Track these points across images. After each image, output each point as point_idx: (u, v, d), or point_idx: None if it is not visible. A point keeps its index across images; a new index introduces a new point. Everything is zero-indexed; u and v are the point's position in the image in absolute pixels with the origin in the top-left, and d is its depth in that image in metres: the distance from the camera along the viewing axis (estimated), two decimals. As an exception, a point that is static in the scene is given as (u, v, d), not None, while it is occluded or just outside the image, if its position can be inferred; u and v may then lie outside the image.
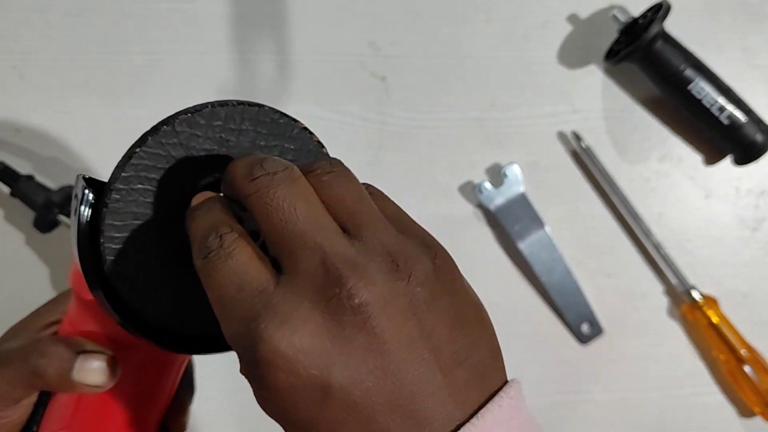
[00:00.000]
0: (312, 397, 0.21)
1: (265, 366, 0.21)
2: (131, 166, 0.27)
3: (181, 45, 0.57)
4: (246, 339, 0.22)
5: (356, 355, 0.21)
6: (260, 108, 0.28)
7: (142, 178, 0.27)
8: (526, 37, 0.60)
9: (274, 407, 0.23)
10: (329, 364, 0.21)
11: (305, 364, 0.21)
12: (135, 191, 0.27)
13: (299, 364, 0.21)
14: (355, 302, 0.21)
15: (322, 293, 0.22)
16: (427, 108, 0.58)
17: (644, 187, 0.59)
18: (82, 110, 0.55)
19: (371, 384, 0.21)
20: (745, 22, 0.61)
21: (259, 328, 0.21)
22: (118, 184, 0.27)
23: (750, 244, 0.59)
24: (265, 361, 0.21)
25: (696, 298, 0.56)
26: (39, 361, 0.30)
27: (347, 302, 0.21)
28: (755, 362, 0.55)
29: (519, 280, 0.57)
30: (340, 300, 0.21)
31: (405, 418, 0.22)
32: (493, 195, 0.56)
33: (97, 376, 0.31)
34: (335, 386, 0.21)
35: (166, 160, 0.27)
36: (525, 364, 0.56)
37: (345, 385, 0.21)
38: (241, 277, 0.23)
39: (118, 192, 0.27)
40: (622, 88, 0.60)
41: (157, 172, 0.27)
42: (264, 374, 0.22)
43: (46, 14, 0.56)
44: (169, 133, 0.27)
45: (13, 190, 0.51)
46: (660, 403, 0.57)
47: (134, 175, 0.27)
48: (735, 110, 0.55)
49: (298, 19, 0.58)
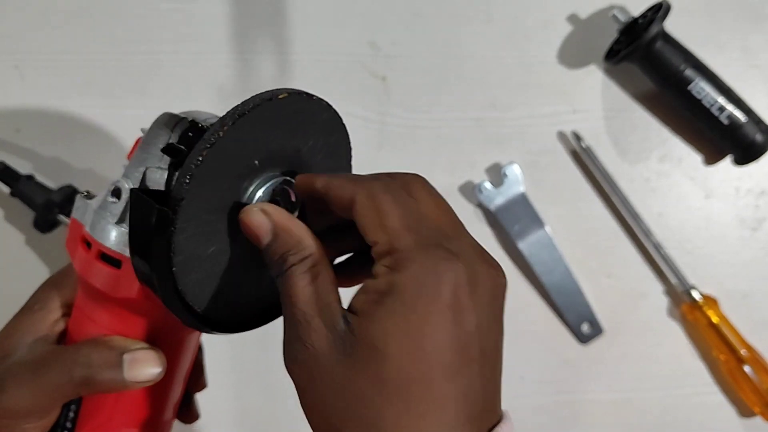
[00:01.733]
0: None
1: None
2: (197, 177, 0.26)
3: (182, 45, 0.57)
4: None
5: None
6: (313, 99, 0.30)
7: (206, 187, 0.27)
8: (526, 37, 0.60)
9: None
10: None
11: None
12: (200, 198, 0.27)
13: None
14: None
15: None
16: (427, 108, 0.58)
17: (644, 187, 0.59)
18: (83, 110, 0.55)
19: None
20: (744, 22, 0.61)
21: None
22: (185, 198, 0.26)
23: (750, 244, 0.59)
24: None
25: (696, 298, 0.56)
26: (87, 371, 0.30)
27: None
28: (755, 362, 0.55)
29: (519, 280, 0.57)
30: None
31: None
32: (493, 195, 0.56)
33: (149, 371, 0.31)
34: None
35: (226, 161, 0.27)
36: (525, 364, 0.56)
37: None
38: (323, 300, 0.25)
39: (186, 206, 0.26)
40: (622, 88, 0.60)
41: (218, 175, 0.27)
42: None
43: (47, 14, 0.56)
44: (238, 127, 0.27)
45: (13, 189, 0.51)
46: (660, 403, 0.57)
47: (200, 184, 0.27)
48: (735, 110, 0.55)
49: (298, 18, 0.58)
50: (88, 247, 0.31)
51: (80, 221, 0.32)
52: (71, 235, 0.32)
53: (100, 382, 0.30)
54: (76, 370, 0.30)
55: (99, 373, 0.30)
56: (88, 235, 0.31)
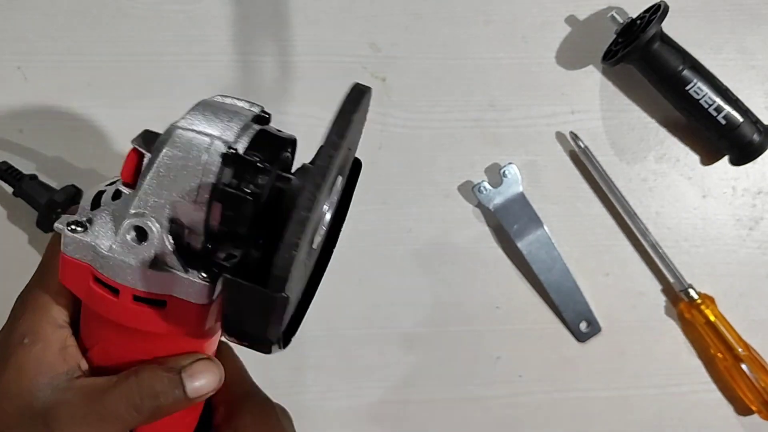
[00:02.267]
0: None
1: None
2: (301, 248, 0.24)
3: (184, 46, 0.57)
4: None
5: None
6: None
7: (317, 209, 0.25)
8: (524, 39, 0.60)
9: None
10: None
11: None
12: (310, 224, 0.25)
13: None
14: None
15: None
16: (426, 109, 0.59)
17: (642, 187, 0.59)
18: (86, 110, 0.56)
19: None
20: (742, 23, 0.61)
21: None
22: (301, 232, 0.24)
23: (747, 243, 0.59)
24: None
25: (693, 297, 0.56)
26: (154, 402, 0.29)
27: None
28: (752, 360, 0.55)
29: (518, 279, 0.58)
30: None
31: None
32: (492, 195, 0.57)
33: (211, 381, 0.31)
34: None
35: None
36: (524, 362, 0.57)
37: None
38: None
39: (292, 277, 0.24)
40: (620, 88, 0.60)
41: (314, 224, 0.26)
42: None
43: (50, 15, 0.56)
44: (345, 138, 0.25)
45: (16, 189, 0.52)
46: (657, 401, 0.57)
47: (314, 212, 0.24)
48: (732, 110, 0.56)
49: (299, 20, 0.58)
50: (115, 293, 0.28)
51: (85, 262, 0.28)
52: (71, 273, 0.29)
53: (167, 407, 0.30)
54: (144, 402, 0.29)
55: (165, 399, 0.30)
56: (109, 280, 0.28)
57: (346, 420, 0.55)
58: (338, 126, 0.25)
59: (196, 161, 0.26)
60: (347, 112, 0.25)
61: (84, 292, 0.29)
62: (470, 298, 0.57)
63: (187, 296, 0.28)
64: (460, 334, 0.57)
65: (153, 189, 0.27)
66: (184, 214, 0.27)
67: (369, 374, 0.56)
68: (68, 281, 0.29)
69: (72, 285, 0.29)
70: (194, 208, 0.27)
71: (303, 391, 0.55)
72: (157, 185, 0.27)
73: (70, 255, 0.28)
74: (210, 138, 0.27)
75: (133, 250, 0.27)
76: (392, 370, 0.56)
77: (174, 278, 0.27)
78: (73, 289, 0.30)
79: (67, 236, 0.28)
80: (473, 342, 0.57)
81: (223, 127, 0.27)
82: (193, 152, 0.26)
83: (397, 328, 0.56)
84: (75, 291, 0.30)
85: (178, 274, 0.27)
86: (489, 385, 0.56)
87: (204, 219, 0.27)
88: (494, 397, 0.56)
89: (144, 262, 0.27)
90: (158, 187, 0.27)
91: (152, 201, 0.27)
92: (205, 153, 0.26)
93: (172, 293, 0.28)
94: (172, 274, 0.27)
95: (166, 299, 0.28)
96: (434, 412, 0.56)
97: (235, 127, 0.27)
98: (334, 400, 0.55)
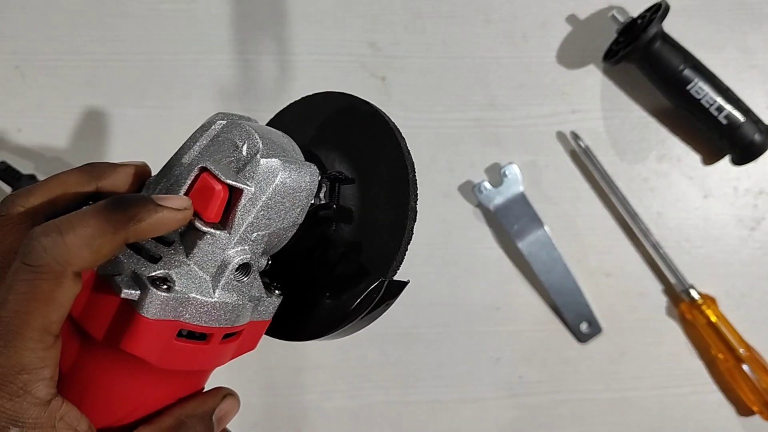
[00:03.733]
0: None
1: None
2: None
3: (182, 45, 0.57)
4: None
5: None
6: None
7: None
8: (525, 38, 0.60)
9: None
10: None
11: None
12: None
13: None
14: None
15: None
16: (426, 108, 0.58)
17: (643, 187, 0.59)
18: (84, 110, 0.56)
19: None
20: (743, 23, 0.61)
21: None
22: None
23: (748, 244, 0.59)
24: None
25: (694, 297, 0.56)
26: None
27: None
28: (754, 361, 0.55)
29: (518, 279, 0.57)
30: None
31: None
32: (492, 195, 0.56)
33: (233, 414, 0.31)
34: None
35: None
36: (524, 363, 0.57)
37: None
38: None
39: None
40: (621, 88, 0.60)
41: None
42: None
43: (47, 15, 0.56)
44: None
45: (14, 189, 0.51)
46: (659, 402, 0.57)
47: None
48: (733, 110, 0.56)
49: (298, 19, 0.58)
50: (203, 339, 0.26)
51: (171, 319, 0.25)
52: (151, 338, 0.25)
53: None
54: None
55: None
56: (201, 327, 0.26)
57: (346, 420, 0.55)
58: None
59: (307, 188, 0.27)
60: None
61: (157, 354, 0.25)
62: (470, 298, 0.57)
63: (262, 316, 0.28)
64: (460, 334, 0.56)
65: (258, 223, 0.26)
66: (275, 240, 0.27)
67: (369, 375, 0.56)
68: (143, 348, 0.25)
69: (146, 351, 0.25)
70: (288, 232, 0.28)
71: (303, 392, 0.55)
72: (265, 218, 0.26)
73: (155, 317, 0.25)
74: (301, 164, 0.27)
75: (238, 289, 0.26)
76: (392, 370, 0.56)
77: (259, 304, 0.28)
78: (146, 354, 0.25)
79: (157, 296, 0.24)
80: (473, 343, 0.56)
81: (294, 151, 0.28)
82: (305, 180, 0.27)
83: (397, 328, 0.56)
84: (146, 356, 0.25)
85: (263, 298, 0.28)
86: (489, 386, 0.56)
87: (291, 239, 0.28)
88: (494, 397, 0.56)
89: (247, 299, 0.27)
90: (263, 220, 0.26)
91: (256, 234, 0.26)
92: (307, 179, 0.27)
93: (252, 319, 0.28)
94: (258, 301, 0.28)
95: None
96: (434, 413, 0.56)
97: (297, 147, 0.29)
98: (334, 401, 0.55)
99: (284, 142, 0.28)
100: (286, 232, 0.28)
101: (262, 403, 0.54)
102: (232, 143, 0.27)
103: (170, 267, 0.25)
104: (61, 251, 0.23)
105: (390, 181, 0.30)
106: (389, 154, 0.30)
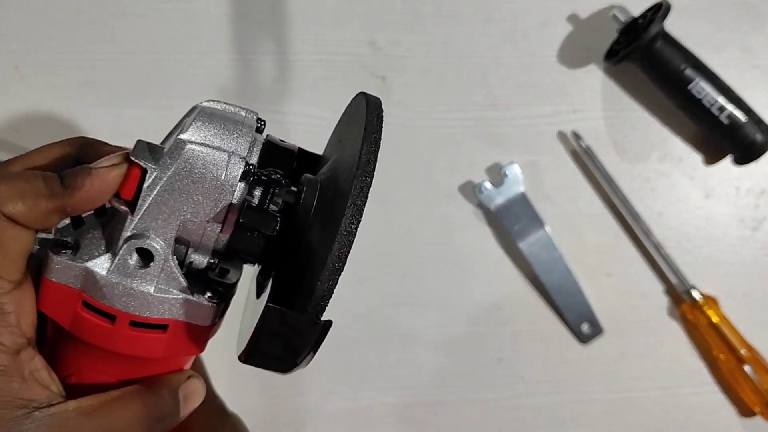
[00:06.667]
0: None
1: None
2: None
3: (182, 44, 0.57)
4: None
5: None
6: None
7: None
8: (526, 37, 0.60)
9: None
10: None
11: None
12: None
13: None
14: None
15: None
16: (427, 108, 0.58)
17: (644, 187, 0.59)
18: (83, 110, 0.55)
19: None
20: (745, 22, 0.61)
21: None
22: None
23: (750, 244, 0.59)
24: None
25: (696, 298, 0.56)
26: (160, 426, 0.28)
27: None
28: (755, 362, 0.55)
29: (519, 279, 0.57)
30: None
31: None
32: (493, 195, 0.56)
33: (199, 399, 0.30)
34: None
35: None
36: (525, 364, 0.56)
37: None
38: None
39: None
40: (622, 87, 0.60)
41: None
42: None
43: (46, 14, 0.56)
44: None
45: (13, 189, 0.51)
46: (660, 403, 0.57)
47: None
48: (735, 110, 0.55)
49: (298, 18, 0.58)
50: (110, 319, 0.26)
51: (74, 287, 0.26)
52: (55, 300, 0.26)
53: (168, 430, 0.29)
54: (153, 426, 0.28)
55: (171, 422, 0.28)
56: (104, 306, 0.26)
57: (346, 422, 0.55)
58: (370, 147, 0.26)
59: (214, 179, 0.25)
60: (375, 131, 0.26)
61: (68, 320, 0.27)
62: (471, 299, 0.57)
63: (192, 319, 0.26)
64: (460, 335, 0.56)
65: (160, 207, 0.25)
66: (193, 233, 0.25)
67: (369, 376, 0.55)
68: (49, 308, 0.27)
69: (54, 312, 0.27)
70: (206, 228, 0.25)
71: (303, 393, 0.55)
72: (165, 204, 0.25)
73: (57, 280, 0.26)
74: (226, 154, 0.25)
75: (136, 273, 0.25)
76: (392, 372, 0.56)
77: (179, 302, 0.26)
78: (55, 316, 0.27)
79: (54, 260, 0.25)
80: (474, 343, 0.56)
81: (234, 140, 0.26)
82: (209, 169, 0.25)
83: (397, 329, 0.56)
84: (57, 318, 0.27)
85: (184, 297, 0.26)
86: (490, 387, 0.56)
87: (215, 238, 0.25)
88: (495, 398, 0.56)
89: (148, 287, 0.25)
90: (167, 205, 0.25)
91: (157, 221, 0.25)
92: (224, 171, 0.25)
93: (174, 317, 0.26)
94: (177, 298, 0.26)
95: (169, 323, 0.26)
96: (435, 414, 0.56)
97: (245, 139, 0.26)
98: (334, 402, 0.55)
99: (229, 127, 0.26)
100: (196, 228, 0.25)
101: (262, 404, 0.54)
102: (181, 122, 0.27)
103: (82, 236, 0.26)
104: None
105: (336, 194, 0.26)
106: (348, 162, 0.27)
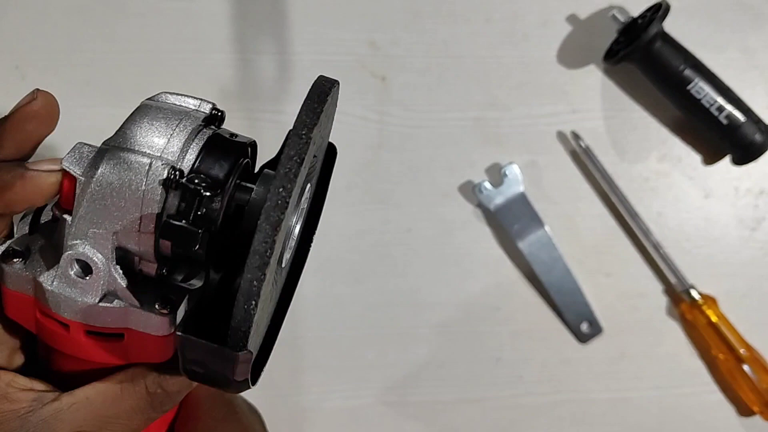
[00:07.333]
0: None
1: None
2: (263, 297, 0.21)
3: (182, 44, 0.57)
4: None
5: None
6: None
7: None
8: (525, 37, 0.60)
9: None
10: None
11: None
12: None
13: None
14: None
15: None
16: (426, 108, 0.58)
17: (643, 187, 0.59)
18: (83, 110, 0.55)
19: None
20: (744, 23, 0.61)
21: None
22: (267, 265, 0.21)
23: (749, 244, 0.59)
24: None
25: (695, 298, 0.56)
26: (168, 401, 0.28)
27: None
28: (754, 361, 0.55)
29: (519, 279, 0.57)
30: None
31: None
32: (492, 194, 0.56)
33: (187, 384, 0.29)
34: None
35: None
36: (524, 363, 0.57)
37: None
38: None
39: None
40: (622, 88, 0.60)
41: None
42: None
43: (47, 14, 0.56)
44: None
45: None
46: (659, 402, 0.57)
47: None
48: (734, 110, 0.55)
49: (298, 18, 0.58)
50: (65, 327, 0.25)
51: (29, 295, 0.25)
52: (15, 306, 0.26)
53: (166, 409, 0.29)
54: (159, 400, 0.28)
55: (169, 404, 0.29)
56: (57, 315, 0.25)
57: (345, 421, 0.55)
58: (302, 126, 0.22)
59: (134, 189, 0.23)
60: (313, 109, 0.23)
61: (33, 325, 0.26)
62: (470, 298, 0.57)
63: (146, 329, 0.25)
64: (460, 334, 0.56)
65: (90, 218, 0.23)
66: (131, 242, 0.24)
67: (368, 375, 0.55)
68: (15, 314, 0.27)
69: (19, 318, 0.26)
70: (141, 237, 0.23)
71: (302, 392, 0.55)
72: (95, 213, 0.23)
73: (14, 289, 0.25)
74: (149, 158, 0.23)
75: (78, 284, 0.24)
76: (392, 371, 0.56)
77: (129, 311, 0.25)
78: (21, 322, 0.27)
79: (5, 270, 0.25)
80: (473, 343, 0.56)
81: (164, 140, 0.23)
82: (130, 177, 0.23)
83: (396, 328, 0.56)
84: (23, 323, 0.27)
85: (130, 307, 0.25)
86: (489, 387, 0.56)
87: (153, 247, 0.24)
88: (494, 398, 0.56)
89: (92, 298, 0.24)
90: (96, 215, 0.23)
91: (92, 231, 0.23)
92: (144, 178, 0.23)
93: (128, 326, 0.25)
94: (126, 308, 0.25)
95: (124, 332, 0.25)
96: (434, 414, 0.56)
97: (179, 137, 0.24)
98: (333, 401, 0.55)
99: (160, 127, 0.24)
100: (131, 237, 0.23)
101: (261, 403, 0.54)
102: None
103: (34, 243, 0.26)
104: None
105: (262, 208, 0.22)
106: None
